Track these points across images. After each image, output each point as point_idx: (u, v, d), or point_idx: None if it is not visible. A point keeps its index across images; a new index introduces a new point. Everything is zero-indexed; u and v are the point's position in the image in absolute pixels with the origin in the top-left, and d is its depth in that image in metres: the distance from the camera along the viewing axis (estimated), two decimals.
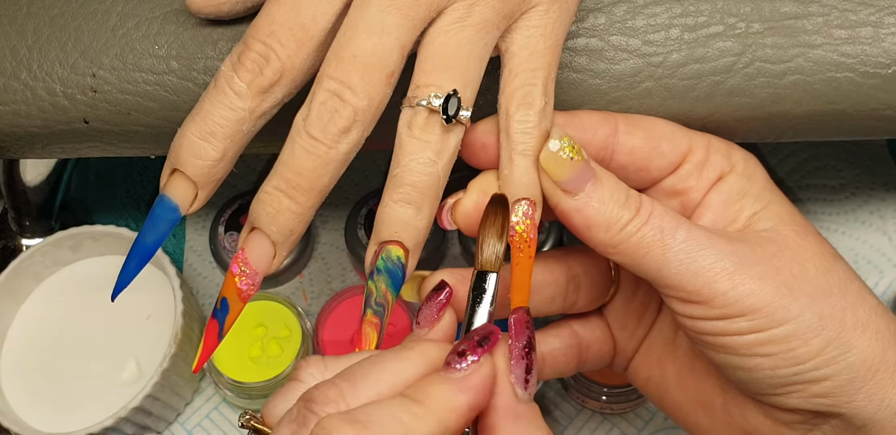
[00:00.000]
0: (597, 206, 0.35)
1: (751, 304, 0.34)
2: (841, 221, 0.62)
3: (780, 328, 0.34)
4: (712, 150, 0.39)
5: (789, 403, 0.35)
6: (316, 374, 0.33)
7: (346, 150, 0.34)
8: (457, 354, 0.32)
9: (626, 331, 0.42)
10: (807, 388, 0.35)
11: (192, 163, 0.35)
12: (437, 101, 0.34)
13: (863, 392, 0.35)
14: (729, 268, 0.34)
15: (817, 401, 0.35)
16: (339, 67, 0.34)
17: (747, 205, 0.38)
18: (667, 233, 0.35)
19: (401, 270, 0.36)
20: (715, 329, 0.35)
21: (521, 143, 0.35)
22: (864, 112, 0.40)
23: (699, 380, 0.40)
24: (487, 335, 0.33)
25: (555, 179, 0.35)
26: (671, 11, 0.40)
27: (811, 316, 0.34)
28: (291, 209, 0.35)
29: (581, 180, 0.35)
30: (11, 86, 0.41)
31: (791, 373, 0.35)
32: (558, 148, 0.34)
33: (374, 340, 0.35)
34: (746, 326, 0.34)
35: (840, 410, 0.35)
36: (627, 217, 0.35)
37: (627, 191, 0.36)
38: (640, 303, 0.41)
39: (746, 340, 0.34)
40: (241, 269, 0.36)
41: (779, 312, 0.34)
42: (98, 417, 0.54)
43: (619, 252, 0.35)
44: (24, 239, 0.63)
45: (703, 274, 0.34)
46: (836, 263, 0.37)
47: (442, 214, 0.37)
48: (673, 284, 0.35)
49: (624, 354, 0.42)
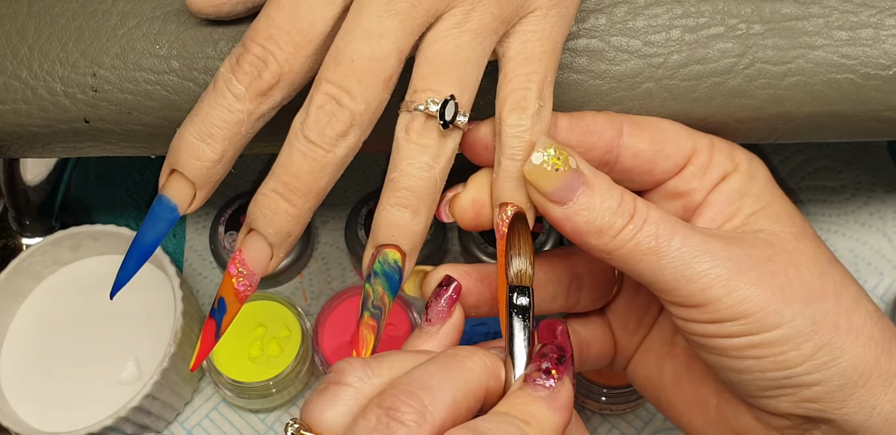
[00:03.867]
0: (586, 214, 0.35)
1: (744, 309, 0.34)
2: (841, 223, 0.62)
3: (772, 332, 0.34)
4: (716, 151, 0.39)
5: (779, 407, 0.35)
6: (364, 377, 0.32)
7: (344, 153, 0.35)
8: (543, 372, 0.32)
9: (627, 330, 0.42)
10: (797, 392, 0.35)
11: (191, 164, 0.35)
12: (434, 106, 0.34)
13: (854, 398, 0.35)
14: (724, 275, 0.34)
15: (807, 406, 0.35)
16: (337, 72, 0.34)
17: (747, 204, 0.38)
18: (662, 240, 0.35)
19: (398, 274, 0.36)
20: (707, 331, 0.35)
21: (511, 147, 0.35)
22: (864, 113, 0.40)
23: (695, 380, 0.40)
24: (564, 352, 0.33)
25: (541, 191, 0.35)
26: (672, 12, 0.40)
27: (803, 320, 0.34)
28: (288, 212, 0.35)
29: (568, 190, 0.34)
30: (12, 85, 0.41)
31: (781, 376, 0.35)
32: (541, 161, 0.34)
33: (371, 342, 0.36)
34: (738, 330, 0.34)
35: (830, 415, 0.35)
36: (620, 224, 0.35)
37: (621, 196, 0.35)
38: (643, 302, 0.42)
39: (738, 343, 0.35)
40: (239, 269, 0.36)
41: (771, 317, 0.34)
42: (98, 416, 0.54)
43: (614, 258, 0.35)
44: (24, 238, 0.63)
45: (698, 280, 0.34)
46: (831, 267, 0.37)
47: (441, 207, 0.37)
48: (668, 289, 0.35)
49: (624, 354, 0.42)
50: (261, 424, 0.59)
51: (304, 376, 0.58)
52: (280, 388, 0.56)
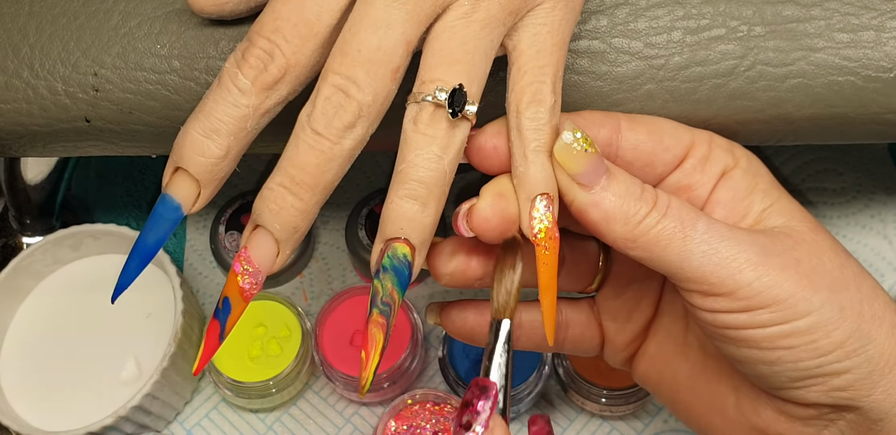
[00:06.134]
0: (613, 199, 0.35)
1: (774, 295, 0.34)
2: (842, 225, 0.62)
3: (803, 320, 0.34)
4: (714, 145, 0.39)
5: (808, 397, 0.35)
6: None
7: (351, 145, 0.34)
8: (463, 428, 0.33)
9: (616, 322, 0.42)
10: (827, 380, 0.35)
11: (196, 160, 0.35)
12: (442, 95, 0.34)
13: (881, 386, 0.35)
14: (753, 258, 0.34)
15: (836, 394, 0.35)
16: (344, 62, 0.34)
17: (757, 200, 0.38)
18: (687, 224, 0.34)
19: (407, 269, 0.35)
20: (737, 322, 0.35)
21: (535, 140, 0.35)
22: (865, 116, 0.40)
23: (711, 380, 0.39)
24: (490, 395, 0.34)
25: (570, 172, 0.35)
26: (673, 14, 0.40)
27: (832, 308, 0.34)
28: (295, 206, 0.34)
29: (596, 173, 0.35)
30: (13, 84, 0.41)
31: (813, 365, 0.34)
32: (571, 140, 0.34)
33: (380, 341, 0.35)
34: (769, 318, 0.34)
35: (858, 403, 0.35)
36: (645, 210, 0.35)
37: (642, 184, 0.35)
38: (632, 298, 0.41)
39: (769, 333, 0.34)
40: (244, 267, 0.35)
41: (801, 304, 0.34)
42: (98, 415, 0.54)
43: (639, 246, 0.35)
44: (25, 237, 0.63)
45: (727, 265, 0.34)
46: (848, 258, 0.37)
47: (458, 222, 0.36)
48: (694, 277, 0.34)
49: (613, 346, 0.42)
50: (260, 424, 0.59)
51: (304, 376, 0.58)
52: (280, 388, 0.56)
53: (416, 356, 0.57)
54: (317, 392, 0.60)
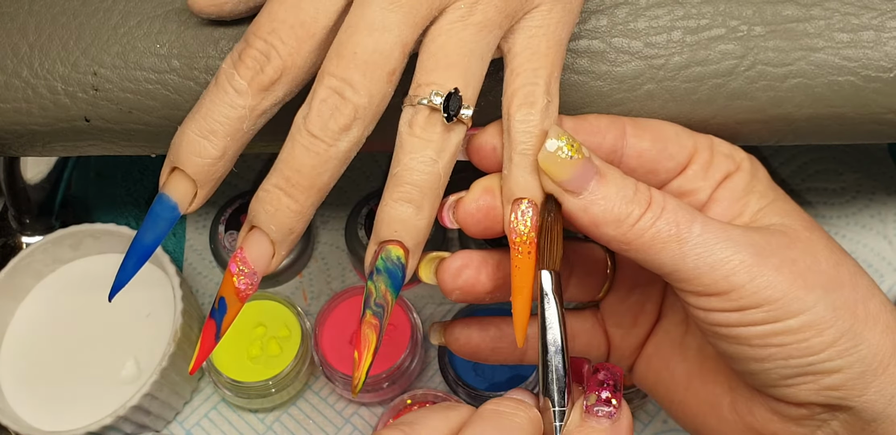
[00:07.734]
0: (602, 203, 0.34)
1: (767, 295, 0.34)
2: (841, 225, 0.62)
3: (795, 319, 0.34)
4: (716, 150, 0.39)
5: (800, 396, 0.35)
6: None
7: (347, 148, 0.34)
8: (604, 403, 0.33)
9: (621, 328, 0.42)
10: (818, 379, 0.35)
11: (192, 161, 0.35)
12: (437, 99, 0.34)
13: (874, 386, 0.35)
14: (747, 260, 0.34)
15: (828, 393, 0.35)
16: (340, 65, 0.34)
17: (753, 200, 0.38)
18: (682, 226, 0.34)
19: (401, 271, 0.35)
20: (729, 320, 0.35)
21: (522, 143, 0.35)
22: (865, 116, 0.40)
23: (707, 379, 0.40)
24: (619, 378, 0.34)
25: (555, 180, 0.34)
26: (673, 14, 0.40)
27: (825, 307, 0.34)
28: (291, 207, 0.34)
29: (583, 179, 0.34)
30: (13, 83, 0.41)
31: (804, 363, 0.34)
32: (556, 148, 0.34)
33: (373, 341, 0.35)
34: (762, 317, 0.34)
35: (851, 403, 0.35)
36: (638, 212, 0.34)
37: (636, 185, 0.35)
38: (636, 302, 0.41)
39: (761, 331, 0.34)
40: (240, 268, 0.35)
41: (794, 303, 0.34)
42: (97, 415, 0.54)
43: (634, 248, 0.35)
44: (25, 237, 0.63)
45: (721, 267, 0.34)
46: (844, 257, 0.37)
47: (443, 213, 0.37)
48: (689, 278, 0.35)
49: (620, 352, 0.42)
50: (260, 424, 0.59)
51: (304, 376, 0.58)
52: (279, 388, 0.56)
53: (415, 356, 0.57)
54: (316, 392, 0.60)
